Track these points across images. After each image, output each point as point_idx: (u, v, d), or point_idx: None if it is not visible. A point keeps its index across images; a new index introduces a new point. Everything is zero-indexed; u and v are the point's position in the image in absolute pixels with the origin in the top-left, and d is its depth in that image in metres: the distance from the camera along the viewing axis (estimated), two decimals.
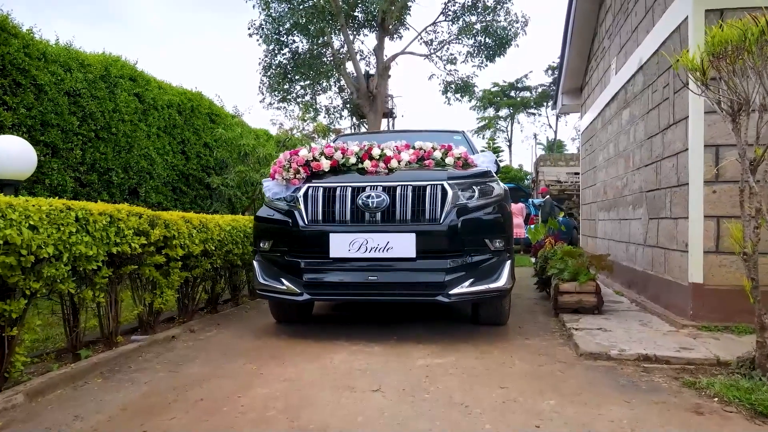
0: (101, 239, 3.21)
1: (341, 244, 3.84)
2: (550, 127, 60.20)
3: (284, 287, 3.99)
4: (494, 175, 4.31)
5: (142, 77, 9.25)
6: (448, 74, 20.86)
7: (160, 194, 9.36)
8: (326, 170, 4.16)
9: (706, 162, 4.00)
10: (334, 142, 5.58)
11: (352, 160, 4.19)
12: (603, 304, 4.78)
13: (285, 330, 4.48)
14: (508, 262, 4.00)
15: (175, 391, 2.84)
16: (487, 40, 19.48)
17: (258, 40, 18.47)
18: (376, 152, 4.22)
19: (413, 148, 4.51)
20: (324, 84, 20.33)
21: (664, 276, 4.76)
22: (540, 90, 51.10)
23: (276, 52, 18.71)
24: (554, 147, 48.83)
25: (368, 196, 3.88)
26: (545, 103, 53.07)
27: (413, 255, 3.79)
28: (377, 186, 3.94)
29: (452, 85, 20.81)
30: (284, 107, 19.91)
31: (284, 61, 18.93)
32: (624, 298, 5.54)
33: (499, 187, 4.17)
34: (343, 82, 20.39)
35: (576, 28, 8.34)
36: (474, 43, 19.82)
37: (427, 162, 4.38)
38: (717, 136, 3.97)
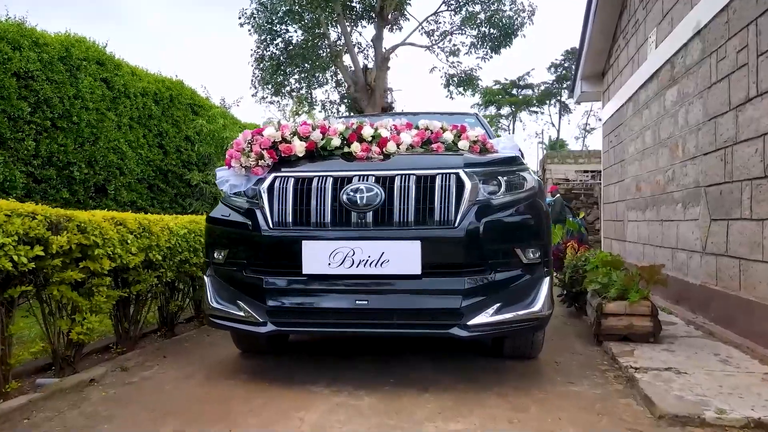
0: None
1: (319, 256, 2.78)
2: (553, 125, 59.08)
3: (242, 314, 2.93)
4: (524, 161, 3.25)
5: (112, 61, 8.17)
6: (450, 66, 19.78)
7: (134, 192, 8.31)
8: (300, 155, 3.09)
9: None
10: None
11: (336, 141, 3.13)
12: (661, 330, 3.72)
13: (249, 366, 3.43)
14: (546, 280, 2.94)
15: None
16: (491, 30, 18.40)
17: (249, 30, 17.40)
18: (367, 132, 3.16)
19: (416, 128, 3.46)
20: (320, 77, 19.25)
21: (740, 294, 3.71)
22: (543, 88, 50.07)
23: (269, 42, 17.62)
24: (557, 146, 47.82)
25: (356, 190, 2.82)
26: (548, 102, 52.02)
27: (417, 271, 2.73)
28: (368, 176, 2.88)
29: (455, 78, 19.72)
30: (277, 101, 18.84)
31: (277, 52, 17.84)
32: (676, 318, 4.48)
33: (531, 178, 3.11)
34: (340, 76, 19.32)
35: (600, 1, 7.28)
36: (478, 33, 18.73)
37: (435, 146, 3.33)
38: None
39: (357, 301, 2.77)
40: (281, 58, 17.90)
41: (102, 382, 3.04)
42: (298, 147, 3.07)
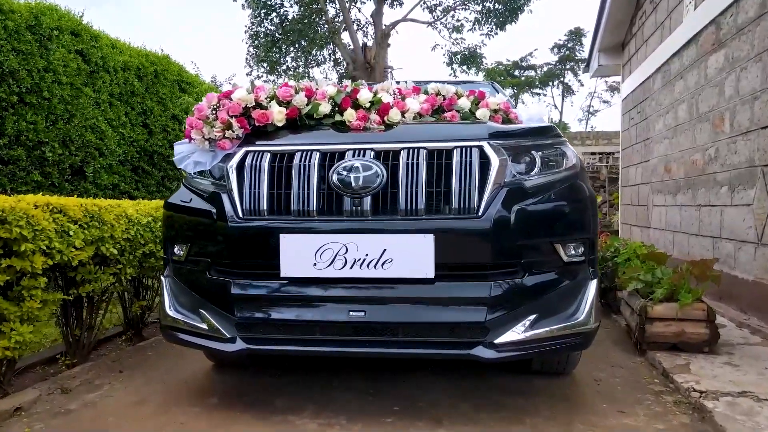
0: None
1: (301, 254, 2.15)
2: (556, 107, 58.15)
3: (204, 327, 2.30)
4: (560, 133, 2.59)
5: (88, 32, 7.45)
6: (453, 44, 18.97)
7: (115, 174, 7.64)
8: (279, 124, 2.44)
9: None
10: None
11: (325, 107, 2.48)
12: (719, 338, 3.11)
13: (220, 384, 2.81)
14: (593, 284, 2.30)
15: None
16: (496, 5, 17.57)
17: (243, 4, 16.57)
18: (365, 96, 2.51)
19: (425, 93, 2.80)
20: (317, 55, 18.45)
21: None
22: (545, 69, 49.09)
23: (263, 17, 16.80)
24: (559, 128, 46.97)
25: (350, 169, 2.18)
26: (551, 83, 51.04)
27: (430, 273, 2.10)
28: (366, 150, 2.24)
29: (458, 56, 18.91)
30: (273, 80, 18.05)
31: (272, 28, 17.03)
32: (723, 319, 3.86)
33: (572, 154, 2.46)
34: (338, 54, 18.51)
35: None
36: (482, 9, 17.90)
37: (448, 114, 2.68)
38: None
39: (351, 313, 2.14)
40: (276, 34, 17.10)
41: (31, 410, 2.42)
42: (277, 114, 2.41)
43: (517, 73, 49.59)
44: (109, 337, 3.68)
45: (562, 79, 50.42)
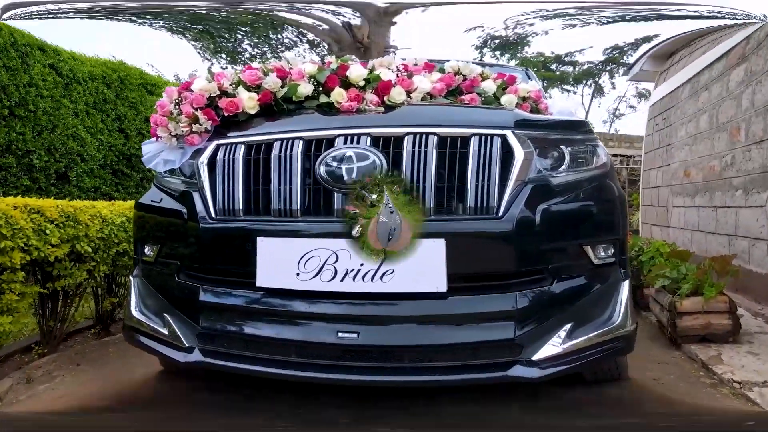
0: None
1: (282, 262, 1.80)
2: (583, 106, 57.28)
3: (165, 332, 2.00)
4: (592, 129, 2.24)
5: (48, 46, 7.38)
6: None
7: (97, 178, 7.65)
8: (252, 112, 2.08)
9: None
10: None
11: (305, 88, 2.11)
12: (741, 328, 3.16)
13: (162, 393, 2.52)
14: (625, 285, 2.02)
15: None
16: None
17: None
18: (357, 73, 2.13)
19: (441, 71, 2.42)
20: (283, 38, 16.05)
21: None
22: (585, 67, 47.50)
23: None
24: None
25: (341, 159, 1.82)
26: (584, 81, 49.64)
27: (441, 286, 1.74)
28: (361, 136, 1.87)
29: (496, 40, 16.74)
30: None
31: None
32: (740, 310, 3.75)
33: (603, 152, 2.14)
34: (311, 35, 16.01)
35: None
36: None
37: (467, 97, 2.32)
38: None
39: (341, 333, 1.78)
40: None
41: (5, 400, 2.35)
42: (247, 101, 2.07)
43: (553, 67, 47.79)
44: (80, 330, 3.60)
45: (596, 79, 49.16)
